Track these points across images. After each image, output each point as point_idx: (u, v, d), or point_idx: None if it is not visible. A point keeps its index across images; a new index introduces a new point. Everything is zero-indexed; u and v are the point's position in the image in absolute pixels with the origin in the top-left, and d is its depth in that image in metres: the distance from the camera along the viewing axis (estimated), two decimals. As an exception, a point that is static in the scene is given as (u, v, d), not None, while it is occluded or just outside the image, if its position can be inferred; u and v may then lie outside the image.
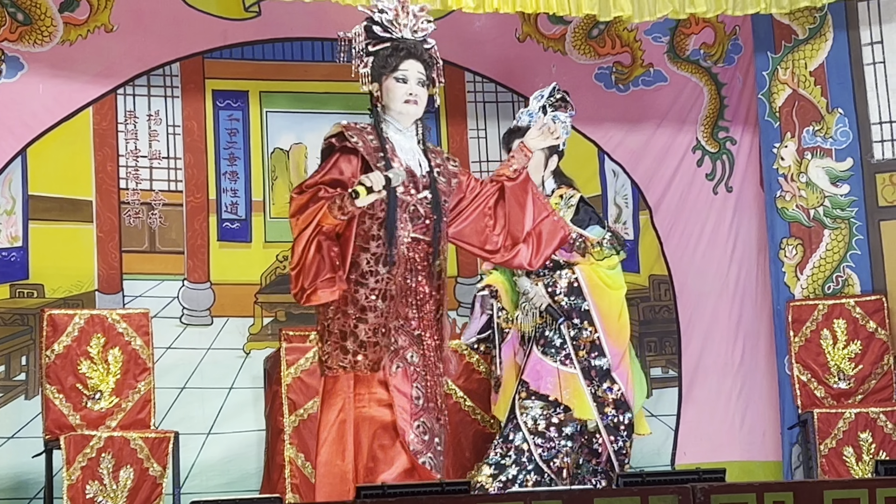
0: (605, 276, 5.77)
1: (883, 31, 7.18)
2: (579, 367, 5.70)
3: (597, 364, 5.76)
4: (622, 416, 5.82)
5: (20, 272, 6.83)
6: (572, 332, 5.76)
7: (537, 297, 5.78)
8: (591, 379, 5.77)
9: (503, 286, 6.06)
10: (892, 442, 6.67)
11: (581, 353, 5.74)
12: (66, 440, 5.95)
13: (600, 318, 5.72)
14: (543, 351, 5.73)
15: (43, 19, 6.89)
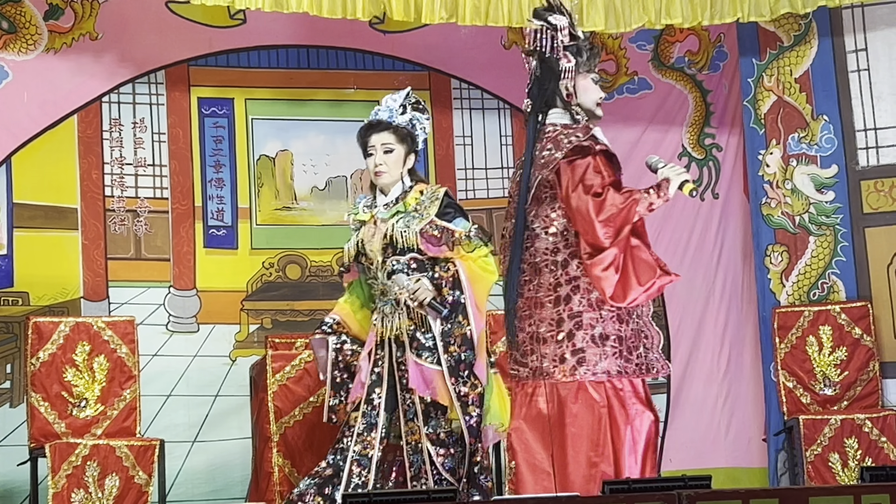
0: (481, 265, 5.42)
1: (867, 38, 7.21)
2: (446, 364, 5.28)
3: (465, 358, 5.31)
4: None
5: (5, 280, 6.83)
6: (445, 326, 5.35)
7: (422, 290, 5.29)
8: (458, 375, 5.29)
9: (348, 311, 5.65)
10: (878, 448, 6.68)
11: (452, 349, 5.33)
12: (51, 448, 5.93)
13: (474, 310, 5.36)
14: (418, 354, 5.32)
15: (28, 27, 6.89)
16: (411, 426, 5.31)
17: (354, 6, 6.54)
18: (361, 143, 5.54)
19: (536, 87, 5.13)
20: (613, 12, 6.80)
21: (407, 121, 5.53)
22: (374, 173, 5.46)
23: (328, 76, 7.44)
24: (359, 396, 5.39)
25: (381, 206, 5.48)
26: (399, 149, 5.47)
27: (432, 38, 7.45)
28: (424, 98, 7.55)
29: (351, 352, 5.51)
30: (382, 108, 5.58)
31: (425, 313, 5.32)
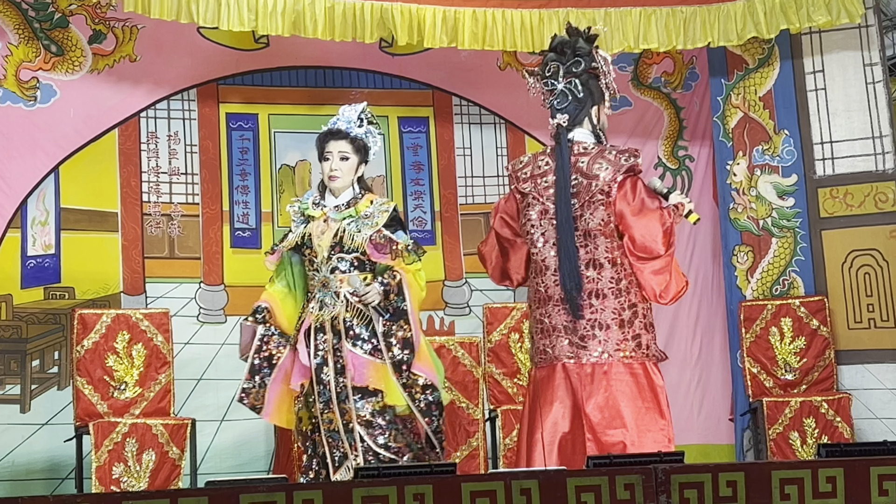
0: (419, 279, 5.42)
1: (824, 60, 7.21)
2: (390, 361, 5.28)
3: (407, 359, 5.30)
4: (431, 396, 5.32)
5: (53, 276, 6.82)
6: (385, 328, 5.31)
7: (372, 294, 5.26)
8: (401, 371, 5.30)
9: (277, 301, 5.51)
10: (833, 427, 6.69)
11: (394, 350, 5.31)
12: (94, 426, 5.95)
13: (413, 316, 5.34)
14: (353, 344, 5.26)
15: (74, 50, 6.89)
16: (343, 407, 5.26)
17: (363, 31, 6.56)
18: (319, 147, 5.49)
19: (574, 105, 4.95)
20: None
21: (363, 133, 5.48)
22: (329, 177, 5.42)
23: (342, 94, 7.43)
24: (306, 380, 5.32)
25: (331, 207, 5.42)
26: (353, 158, 5.43)
27: (435, 59, 7.45)
28: (428, 114, 7.63)
29: (276, 344, 5.42)
30: (341, 118, 5.51)
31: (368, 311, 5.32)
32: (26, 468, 6.51)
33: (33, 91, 6.78)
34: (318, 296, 5.36)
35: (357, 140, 5.45)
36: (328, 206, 5.44)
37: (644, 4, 6.90)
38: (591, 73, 4.98)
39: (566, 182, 4.81)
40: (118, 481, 5.90)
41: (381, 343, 5.31)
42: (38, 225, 6.80)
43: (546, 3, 6.81)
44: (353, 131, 5.47)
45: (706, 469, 3.88)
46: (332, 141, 5.44)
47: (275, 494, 3.59)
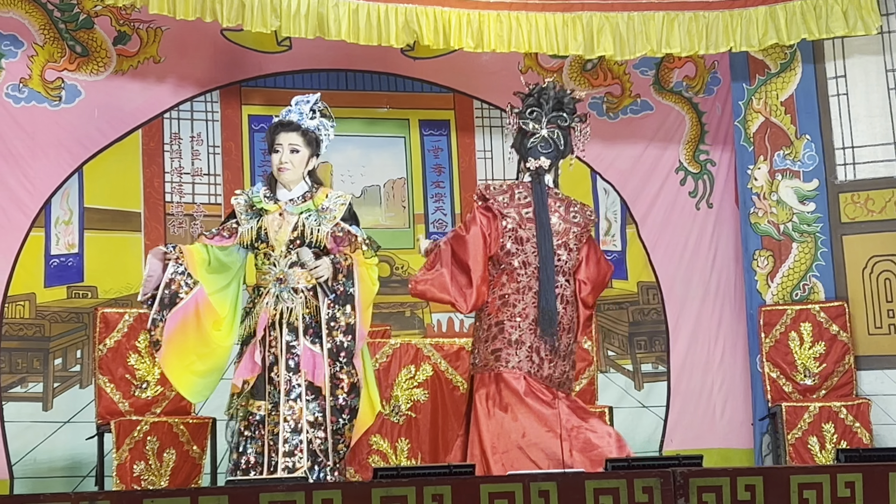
0: (371, 274, 5.24)
1: (846, 65, 7.19)
2: (326, 346, 5.08)
3: (348, 346, 5.11)
4: (350, 401, 5.12)
5: (76, 275, 6.85)
6: (331, 311, 5.12)
7: (322, 268, 5.09)
8: (337, 359, 5.12)
9: (195, 261, 5.23)
10: (852, 433, 6.67)
11: (336, 334, 5.10)
12: (116, 424, 5.95)
13: (360, 305, 5.13)
14: (312, 341, 5.11)
15: (99, 51, 6.92)
16: (292, 406, 5.09)
17: (388, 34, 6.56)
18: (269, 138, 5.30)
19: (555, 154, 5.35)
20: (620, 41, 6.83)
21: (315, 126, 5.30)
22: (278, 169, 5.24)
23: (364, 97, 7.46)
24: (252, 377, 5.14)
25: (285, 201, 5.23)
26: (304, 151, 5.26)
27: (457, 63, 7.46)
28: (449, 117, 7.63)
29: (183, 284, 5.13)
30: (293, 109, 5.33)
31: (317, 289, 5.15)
32: (48, 465, 6.54)
33: (58, 91, 6.82)
34: (274, 291, 5.17)
35: (309, 133, 5.27)
36: (282, 199, 5.26)
37: (667, 9, 6.89)
38: (570, 130, 5.39)
39: (547, 219, 5.19)
40: (139, 479, 5.90)
41: (323, 327, 5.11)
42: (61, 224, 6.84)
43: (569, 6, 6.81)
44: (305, 123, 5.28)
45: (725, 473, 3.88)
46: (283, 133, 5.26)
47: (294, 493, 3.60)
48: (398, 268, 7.45)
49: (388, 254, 7.27)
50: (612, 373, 7.55)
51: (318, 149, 5.32)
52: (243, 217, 5.30)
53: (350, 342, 5.13)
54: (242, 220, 5.29)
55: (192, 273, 5.17)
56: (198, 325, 5.18)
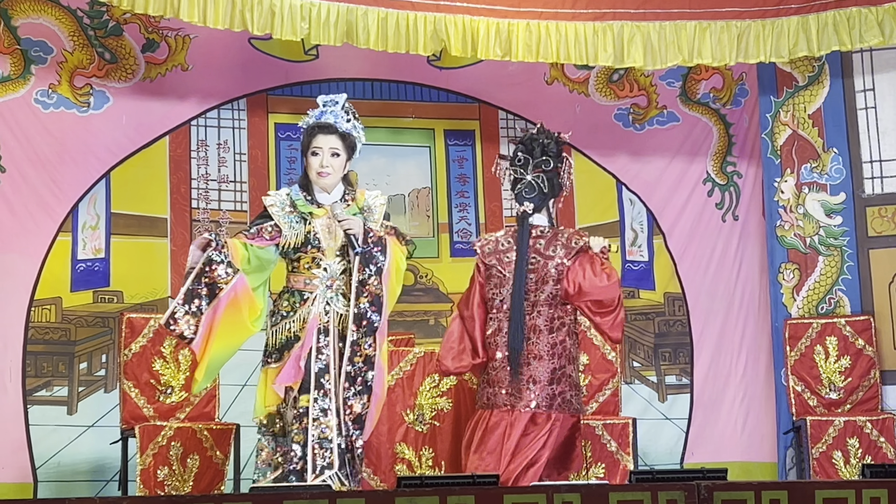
0: (401, 255, 5.17)
1: (875, 79, 7.16)
2: (353, 311, 4.98)
3: (371, 317, 5.04)
4: (364, 373, 5.08)
5: (102, 280, 6.88)
6: (361, 276, 5.01)
7: (354, 223, 5.02)
8: (359, 326, 5.04)
9: (239, 255, 5.10)
10: (878, 448, 6.62)
11: (362, 300, 5.01)
12: (140, 429, 5.96)
13: (387, 277, 5.02)
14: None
15: (127, 58, 6.96)
16: (341, 415, 5.06)
17: (416, 42, 6.55)
18: (306, 141, 5.18)
19: (539, 197, 5.57)
20: (651, 50, 6.80)
21: (351, 129, 5.23)
22: (318, 173, 5.13)
23: (389, 106, 7.47)
24: (296, 383, 5.06)
25: (330, 204, 5.14)
26: (344, 155, 5.18)
27: (482, 74, 7.47)
28: (474, 127, 7.64)
29: (223, 273, 4.99)
30: (326, 111, 5.22)
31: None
32: (72, 469, 6.56)
33: (87, 97, 6.86)
34: (325, 294, 5.09)
35: (347, 137, 5.19)
36: (325, 203, 5.17)
37: (698, 18, 6.86)
38: (556, 172, 5.61)
39: (523, 261, 5.46)
40: (162, 484, 5.90)
41: (352, 290, 5.01)
42: (88, 229, 6.87)
43: (600, 16, 6.79)
44: (342, 126, 5.19)
45: (749, 487, 3.86)
46: (321, 135, 5.16)
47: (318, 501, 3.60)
48: (422, 276, 7.45)
49: (412, 262, 7.25)
50: (637, 384, 7.53)
51: (353, 152, 5.25)
52: (283, 220, 5.17)
53: (374, 314, 5.07)
54: (283, 224, 5.17)
55: (232, 262, 5.03)
56: (236, 314, 5.06)
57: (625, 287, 7.60)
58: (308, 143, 5.20)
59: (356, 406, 5.11)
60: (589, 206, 7.67)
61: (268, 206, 5.23)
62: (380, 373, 5.18)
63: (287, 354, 5.13)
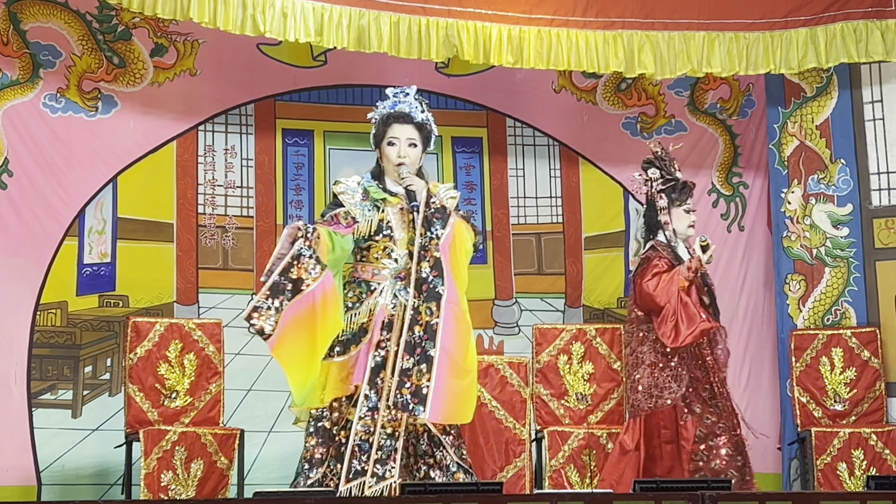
0: (466, 232, 4.99)
1: (883, 91, 7.16)
2: (413, 277, 4.78)
3: (433, 281, 4.81)
4: (424, 342, 4.83)
5: (108, 284, 6.88)
6: (422, 241, 4.82)
7: (417, 181, 4.90)
8: (420, 292, 4.86)
9: (324, 247, 4.95)
10: (882, 460, 6.61)
11: (423, 265, 4.81)
12: (144, 434, 5.97)
13: (447, 249, 4.84)
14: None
15: (136, 63, 6.97)
16: (396, 415, 4.83)
17: (429, 47, 6.55)
18: (381, 130, 5.06)
19: (646, 218, 6.17)
20: (660, 59, 6.82)
21: (426, 119, 5.15)
22: (397, 164, 5.01)
23: (397, 113, 7.47)
24: (359, 383, 4.89)
25: (402, 194, 4.99)
26: (420, 146, 5.09)
27: (491, 81, 7.48)
28: (482, 134, 7.64)
29: (310, 269, 4.84)
30: (401, 101, 5.12)
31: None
32: (76, 473, 6.57)
33: (95, 102, 6.87)
34: (392, 287, 4.94)
35: (424, 127, 5.11)
36: (398, 192, 5.03)
37: (708, 29, 6.88)
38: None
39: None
40: (166, 489, 5.91)
41: (414, 254, 4.81)
42: (94, 233, 6.88)
43: (609, 24, 6.80)
44: (418, 116, 5.10)
45: (754, 497, 3.87)
46: (398, 125, 5.07)
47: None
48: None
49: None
50: (641, 393, 7.51)
51: (429, 144, 5.14)
52: (356, 208, 5.04)
53: (436, 279, 4.84)
54: (355, 211, 5.03)
55: (320, 257, 4.86)
56: (324, 314, 4.86)
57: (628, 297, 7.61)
58: (383, 132, 5.08)
59: (415, 377, 4.79)
60: (596, 216, 7.67)
61: (338, 194, 5.11)
62: (448, 348, 4.83)
63: (354, 348, 4.96)
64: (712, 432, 5.87)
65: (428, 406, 4.71)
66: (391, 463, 4.83)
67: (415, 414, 4.75)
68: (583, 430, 6.43)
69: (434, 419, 4.79)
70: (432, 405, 4.72)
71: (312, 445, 5.03)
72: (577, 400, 6.67)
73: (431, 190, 5.04)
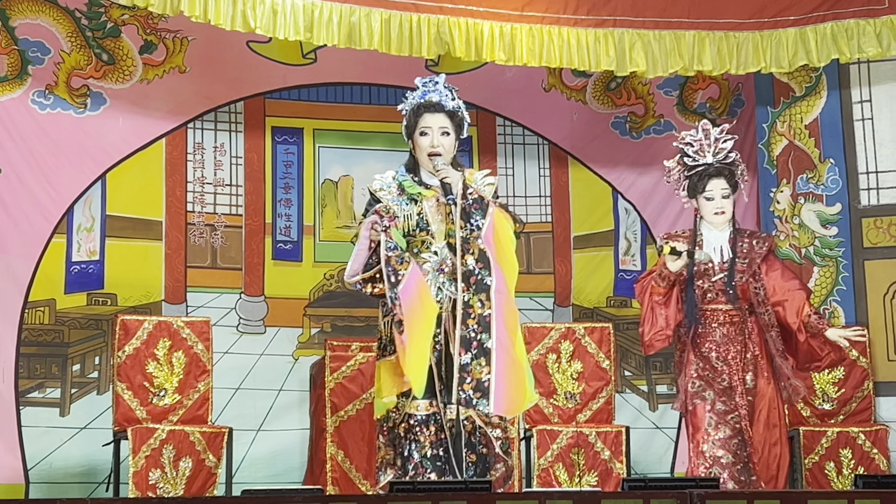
0: (506, 221, 4.86)
1: (872, 91, 7.17)
2: (461, 270, 4.67)
3: (480, 273, 4.71)
4: (480, 334, 4.70)
5: (97, 282, 6.87)
6: (463, 233, 4.72)
7: (452, 172, 4.79)
8: (469, 285, 4.75)
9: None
10: (870, 459, 6.62)
11: (467, 258, 4.71)
12: (132, 432, 5.96)
13: (490, 238, 4.73)
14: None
15: (125, 60, 6.96)
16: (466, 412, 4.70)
17: (420, 44, 6.51)
18: (412, 120, 4.93)
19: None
20: (652, 57, 6.80)
21: (457, 106, 5.03)
22: (430, 154, 4.89)
23: (387, 111, 7.43)
24: (408, 383, 4.73)
25: (437, 186, 4.85)
26: (453, 134, 4.98)
27: (481, 80, 7.47)
28: (472, 133, 7.63)
29: (398, 260, 4.75)
30: (430, 89, 4.99)
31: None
32: (64, 471, 6.55)
33: (83, 98, 6.85)
34: (436, 280, 4.81)
35: (456, 115, 4.97)
36: (432, 184, 4.90)
37: (698, 28, 6.87)
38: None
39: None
40: (154, 487, 5.90)
41: (458, 247, 4.68)
42: (83, 231, 6.86)
43: (601, 22, 6.78)
44: (449, 104, 4.97)
45: (742, 496, 3.86)
46: (429, 114, 4.93)
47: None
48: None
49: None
50: (628, 393, 7.53)
51: (462, 131, 5.03)
52: (393, 203, 4.94)
53: (483, 270, 4.73)
54: (394, 206, 4.92)
55: (396, 237, 4.81)
56: (422, 304, 4.75)
57: (617, 296, 7.61)
58: (415, 123, 4.96)
59: (475, 371, 4.66)
60: (584, 215, 7.67)
61: (375, 191, 5.00)
62: (502, 339, 4.72)
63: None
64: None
65: (491, 399, 4.64)
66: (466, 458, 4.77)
67: (479, 408, 4.68)
68: (571, 429, 6.43)
69: (499, 412, 4.73)
70: (496, 398, 4.65)
71: (383, 447, 4.93)
72: (565, 399, 6.68)
73: (468, 179, 4.92)
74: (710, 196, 5.68)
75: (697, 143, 5.76)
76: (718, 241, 5.70)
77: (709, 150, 5.75)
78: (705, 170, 5.69)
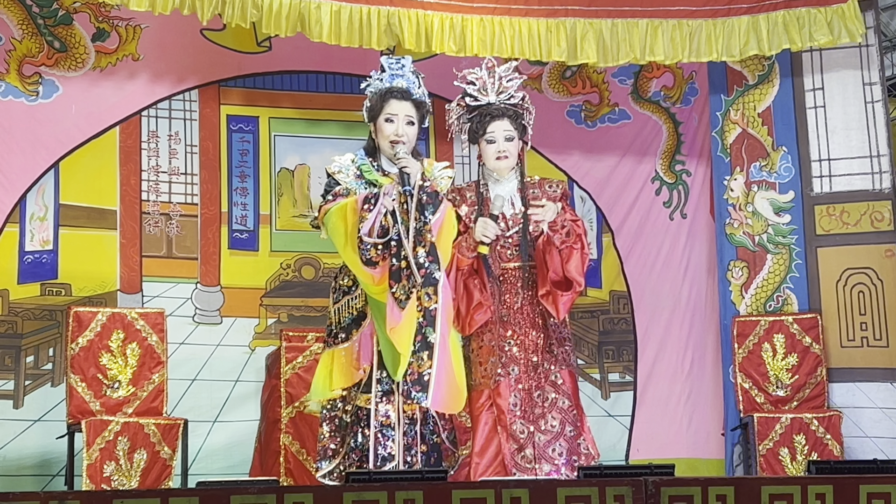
0: (455, 228, 4.84)
1: (824, 78, 7.21)
2: (413, 260, 4.63)
3: (430, 267, 4.66)
4: (424, 328, 4.68)
5: (50, 272, 6.80)
6: (417, 225, 4.67)
7: (412, 161, 4.74)
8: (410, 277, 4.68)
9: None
10: (823, 444, 6.68)
11: (419, 249, 4.65)
12: (86, 424, 5.92)
13: (437, 233, 4.70)
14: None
15: (77, 47, 6.88)
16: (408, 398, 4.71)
17: (370, 37, 6.49)
18: (378, 105, 4.87)
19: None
20: (603, 48, 6.78)
21: (423, 95, 4.99)
22: (392, 142, 4.85)
23: (342, 99, 7.43)
24: (366, 366, 4.77)
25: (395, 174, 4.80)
26: (417, 124, 4.94)
27: (436, 68, 7.38)
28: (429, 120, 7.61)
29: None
30: (397, 73, 4.93)
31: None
32: (17, 464, 6.49)
33: (35, 86, 6.77)
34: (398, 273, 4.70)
35: (423, 105, 4.94)
36: (391, 172, 4.85)
37: (651, 17, 6.87)
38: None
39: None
40: (109, 479, 5.87)
41: (409, 238, 4.62)
42: (36, 220, 6.79)
43: (553, 13, 6.77)
44: (416, 93, 4.93)
45: (696, 482, 3.88)
46: (396, 101, 4.89)
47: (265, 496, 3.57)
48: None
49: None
50: (580, 381, 7.53)
51: (424, 122, 4.98)
52: (352, 186, 4.87)
53: (432, 264, 4.68)
54: (353, 189, 4.85)
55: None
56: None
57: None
58: (380, 107, 4.90)
59: (415, 364, 4.66)
60: (540, 202, 7.67)
61: (333, 173, 4.94)
62: (444, 333, 4.74)
63: (355, 333, 4.82)
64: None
65: (430, 394, 4.65)
66: (415, 448, 4.78)
67: (417, 402, 4.69)
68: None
69: (436, 407, 4.73)
70: (434, 393, 4.66)
71: (326, 437, 4.91)
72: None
73: (426, 171, 4.90)
74: (491, 139, 5.18)
75: (480, 82, 5.29)
76: (506, 192, 5.22)
77: (492, 89, 5.27)
78: (486, 109, 5.22)
